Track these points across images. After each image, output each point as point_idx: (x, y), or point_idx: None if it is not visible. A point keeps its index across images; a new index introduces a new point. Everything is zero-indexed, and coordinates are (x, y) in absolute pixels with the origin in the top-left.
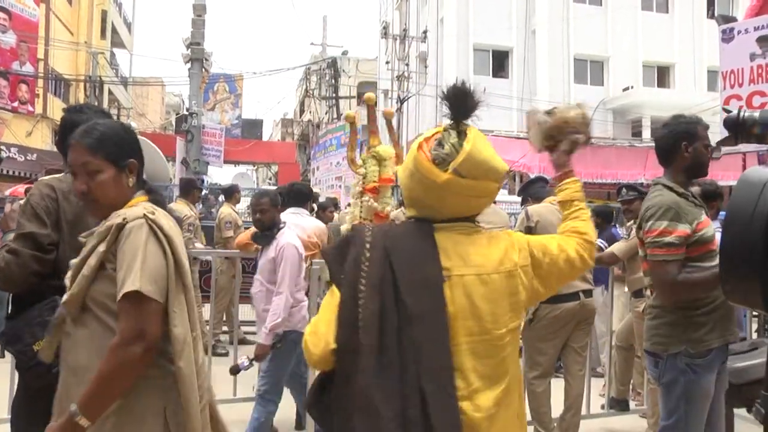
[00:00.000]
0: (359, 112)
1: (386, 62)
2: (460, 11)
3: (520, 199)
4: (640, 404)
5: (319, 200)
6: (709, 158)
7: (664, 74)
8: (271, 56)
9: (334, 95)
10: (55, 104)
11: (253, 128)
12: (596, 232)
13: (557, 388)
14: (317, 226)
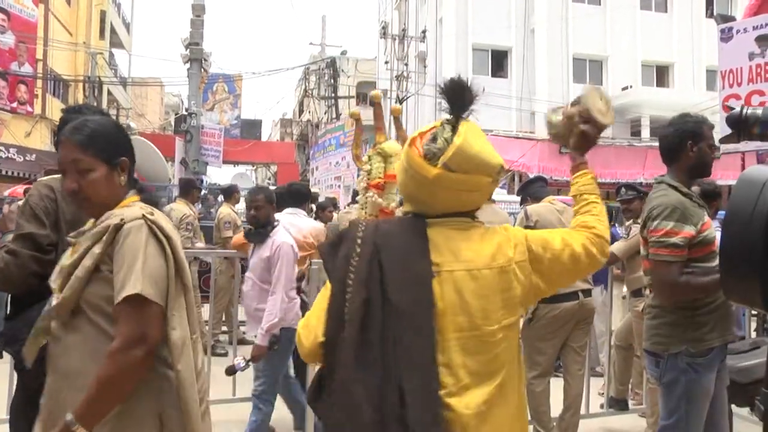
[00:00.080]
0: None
1: (385, 62)
2: (458, 11)
3: (519, 198)
4: (637, 404)
5: (318, 200)
6: (713, 158)
7: (663, 74)
8: (270, 56)
9: (333, 95)
10: (53, 105)
11: (252, 128)
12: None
13: (556, 387)
14: (314, 226)
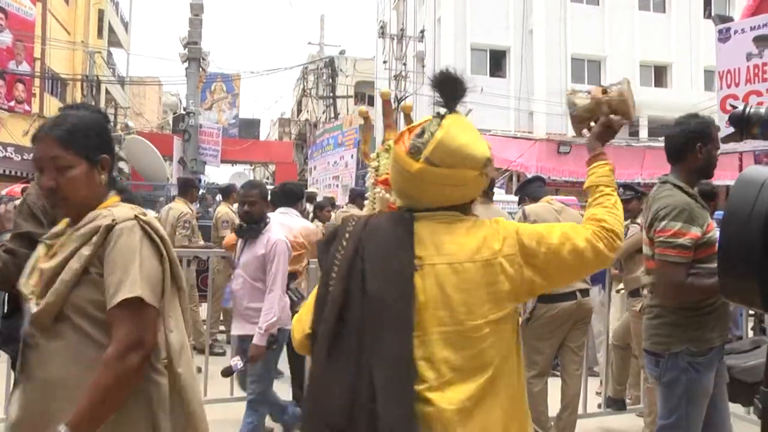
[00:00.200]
0: (356, 113)
1: (383, 62)
2: (457, 11)
3: (517, 198)
4: (633, 404)
5: (316, 199)
6: (716, 161)
7: (661, 74)
8: (268, 56)
9: (331, 95)
10: (51, 103)
11: (250, 128)
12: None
13: (554, 387)
14: (304, 226)
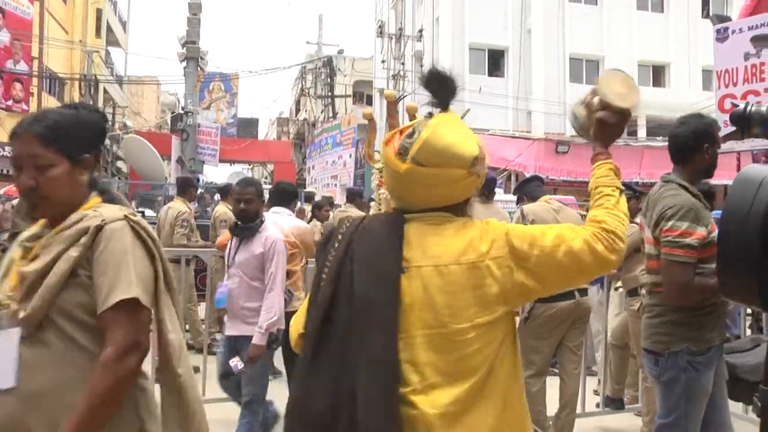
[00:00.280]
0: (355, 112)
1: (382, 61)
2: (455, 10)
3: (515, 198)
4: (630, 402)
5: (314, 199)
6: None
7: (659, 74)
8: (266, 55)
9: (329, 94)
10: (49, 103)
11: (248, 127)
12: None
13: (552, 386)
14: (295, 225)
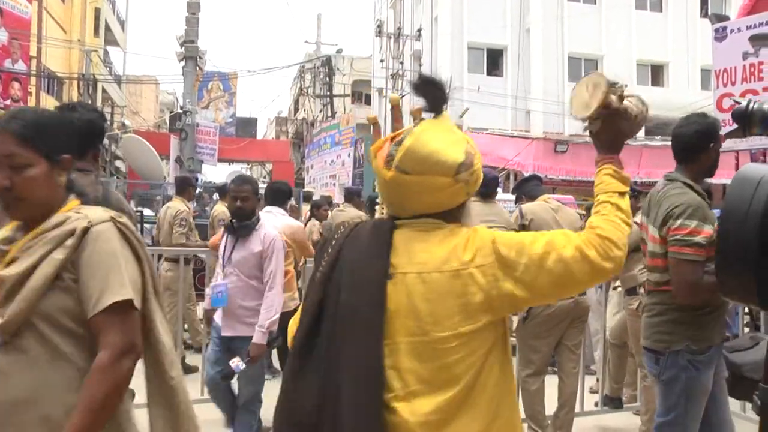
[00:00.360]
0: (353, 112)
1: (381, 60)
2: (454, 9)
3: (514, 197)
4: (628, 401)
5: (312, 198)
6: None
7: (657, 73)
8: (265, 54)
9: (328, 93)
10: (48, 102)
11: (247, 126)
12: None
13: (551, 385)
14: (287, 224)
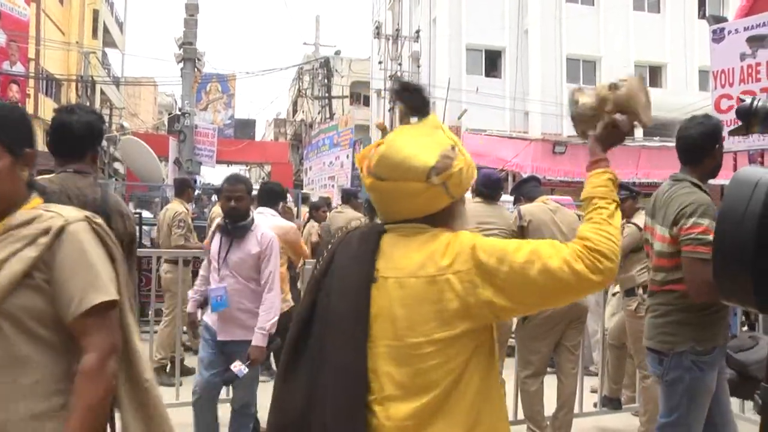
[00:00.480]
0: (352, 113)
1: (379, 62)
2: (452, 11)
3: (512, 198)
4: (626, 402)
5: (311, 200)
6: None
7: (656, 74)
8: (263, 56)
9: (326, 95)
10: (46, 104)
11: (245, 128)
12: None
13: (550, 386)
14: (277, 225)
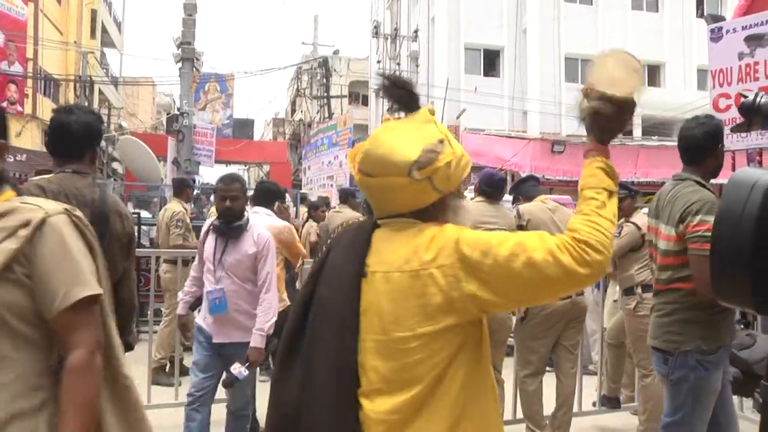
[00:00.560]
0: (350, 113)
1: (377, 61)
2: (451, 10)
3: (511, 197)
4: (625, 401)
5: (308, 199)
6: None
7: (654, 73)
8: (262, 56)
9: (325, 95)
10: (44, 104)
11: (244, 128)
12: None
13: (549, 385)
14: (271, 225)
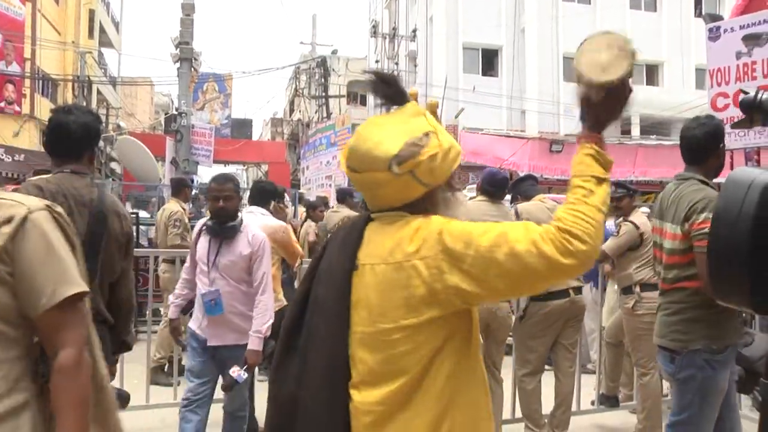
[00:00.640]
0: (349, 112)
1: (376, 61)
2: (449, 10)
3: (509, 197)
4: (623, 400)
5: (307, 199)
6: None
7: (652, 72)
8: (260, 55)
9: (323, 94)
10: (42, 104)
11: (242, 128)
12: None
13: (547, 385)
14: (266, 224)
